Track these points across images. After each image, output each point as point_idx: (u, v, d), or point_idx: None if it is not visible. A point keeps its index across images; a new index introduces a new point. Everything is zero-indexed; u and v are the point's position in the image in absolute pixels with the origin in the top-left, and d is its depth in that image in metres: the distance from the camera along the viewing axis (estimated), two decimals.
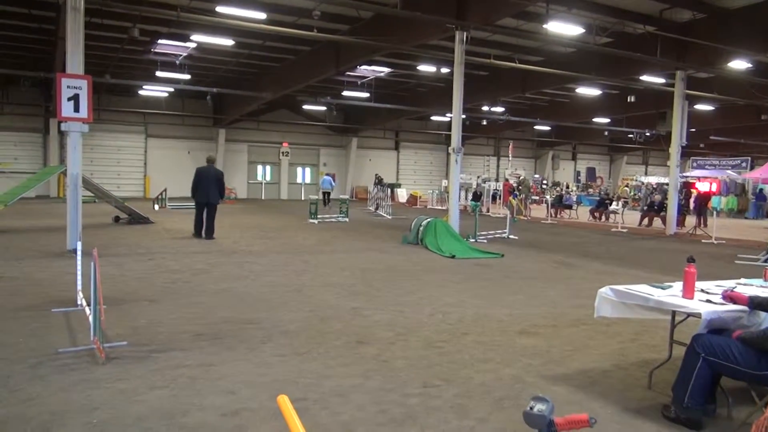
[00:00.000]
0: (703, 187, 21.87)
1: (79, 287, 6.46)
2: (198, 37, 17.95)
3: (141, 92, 27.62)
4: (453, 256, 11.47)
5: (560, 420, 1.86)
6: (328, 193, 27.29)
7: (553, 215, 23.36)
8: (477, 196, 26.97)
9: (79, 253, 6.20)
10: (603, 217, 22.43)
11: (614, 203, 23.79)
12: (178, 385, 4.27)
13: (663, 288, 4.33)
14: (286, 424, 1.76)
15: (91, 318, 5.14)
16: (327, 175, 29.25)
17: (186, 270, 9.17)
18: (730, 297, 3.85)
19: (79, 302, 6.34)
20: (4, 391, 4.04)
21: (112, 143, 29.90)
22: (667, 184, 21.60)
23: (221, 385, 4.28)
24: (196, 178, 13.32)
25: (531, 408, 1.87)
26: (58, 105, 10.31)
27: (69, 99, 10.27)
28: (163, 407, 3.86)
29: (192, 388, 4.21)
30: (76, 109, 10.32)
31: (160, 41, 19.08)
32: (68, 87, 10.25)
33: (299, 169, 35.72)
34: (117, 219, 16.64)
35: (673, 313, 4.22)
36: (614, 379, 4.69)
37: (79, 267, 6.30)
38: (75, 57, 10.61)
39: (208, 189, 13.17)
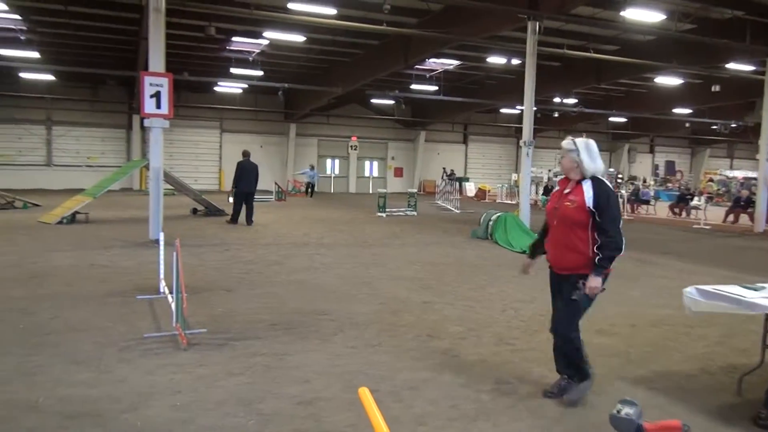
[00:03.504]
0: None
1: (162, 276, 6.77)
2: (270, 34, 18.37)
3: (216, 89, 28.56)
4: (524, 252, 11.23)
5: (650, 425, 1.78)
6: (312, 185, 28.93)
7: (629, 211, 22.48)
8: (548, 191, 26.31)
9: (161, 243, 6.50)
10: (683, 213, 21.38)
11: (696, 198, 22.62)
12: (255, 372, 4.40)
13: (756, 289, 4.07)
14: (366, 416, 1.77)
15: (173, 305, 5.37)
16: (311, 167, 29.97)
17: (260, 261, 9.43)
18: None
19: (161, 290, 6.64)
20: (97, 372, 4.29)
21: (189, 138, 31.11)
22: (755, 179, 20.31)
23: (295, 374, 4.38)
24: (238, 172, 14.45)
25: (618, 411, 1.80)
26: (142, 102, 10.81)
27: (151, 96, 10.76)
28: (241, 393, 3.99)
29: (268, 376, 4.32)
30: (158, 106, 10.79)
31: (234, 39, 19.68)
32: (151, 85, 10.74)
33: (367, 163, 35.99)
34: (195, 211, 17.32)
35: (766, 316, 3.96)
36: (700, 383, 4.46)
37: (161, 256, 6.60)
38: (156, 56, 11.08)
39: (251, 180, 14.43)
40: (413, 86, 25.98)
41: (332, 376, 4.37)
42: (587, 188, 3.82)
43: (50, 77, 25.91)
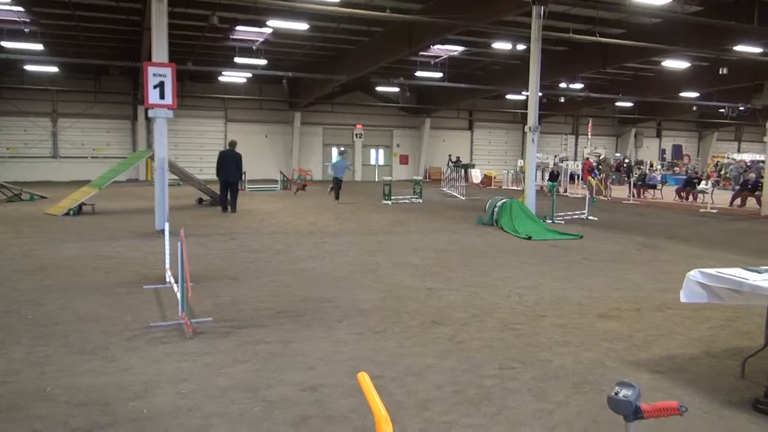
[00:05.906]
0: None
1: (168, 265, 6.81)
2: (274, 23, 18.27)
3: (221, 78, 28.49)
4: (529, 238, 11.24)
5: (647, 407, 1.79)
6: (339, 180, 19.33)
7: (636, 195, 22.39)
8: (554, 176, 26.23)
9: (166, 233, 6.54)
10: (690, 197, 21.28)
11: (703, 182, 22.49)
12: (260, 360, 4.44)
13: (759, 272, 4.06)
14: (366, 400, 1.79)
15: (179, 294, 5.41)
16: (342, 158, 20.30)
17: (266, 250, 9.47)
18: None
19: (167, 280, 6.69)
20: (104, 361, 4.34)
21: (194, 128, 31.08)
22: (763, 162, 20.16)
23: (300, 361, 4.41)
24: (219, 160, 15.19)
25: (616, 393, 1.81)
26: (145, 92, 10.82)
27: (155, 87, 10.76)
28: (246, 380, 4.03)
29: (273, 363, 4.36)
30: (162, 96, 10.80)
31: (238, 28, 19.58)
32: (154, 75, 10.73)
33: (373, 151, 35.93)
34: (200, 201, 17.37)
35: None
36: (703, 366, 4.47)
37: (167, 246, 6.64)
38: (160, 46, 11.07)
39: (230, 169, 14.98)
40: (418, 73, 25.84)
41: (337, 362, 4.41)
42: None
43: (54, 69, 25.92)
